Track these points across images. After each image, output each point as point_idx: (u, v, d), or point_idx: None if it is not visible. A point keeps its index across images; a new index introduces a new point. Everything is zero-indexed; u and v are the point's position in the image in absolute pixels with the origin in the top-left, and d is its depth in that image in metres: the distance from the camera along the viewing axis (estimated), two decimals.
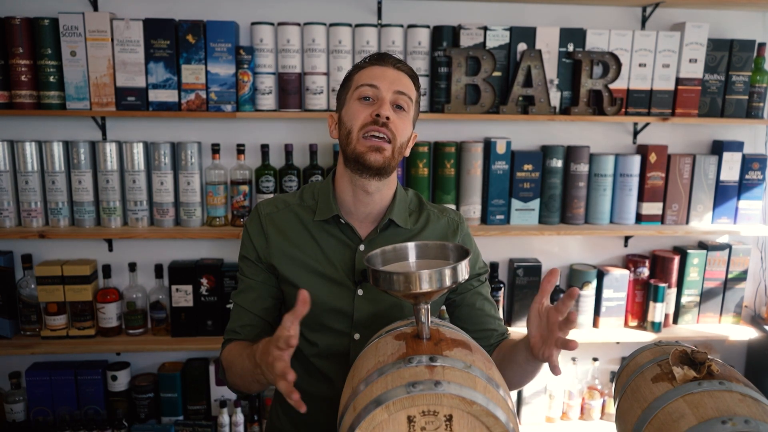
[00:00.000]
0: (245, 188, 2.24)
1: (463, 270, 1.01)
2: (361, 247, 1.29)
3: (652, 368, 1.05)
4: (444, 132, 2.38)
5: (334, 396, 1.28)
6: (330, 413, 1.31)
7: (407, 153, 1.31)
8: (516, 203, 2.34)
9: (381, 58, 1.28)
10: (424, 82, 2.23)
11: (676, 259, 2.44)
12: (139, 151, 2.18)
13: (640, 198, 2.40)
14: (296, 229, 1.31)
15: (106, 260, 2.32)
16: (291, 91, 2.20)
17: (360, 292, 1.29)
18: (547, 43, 2.24)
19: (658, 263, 2.46)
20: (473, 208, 2.31)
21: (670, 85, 2.31)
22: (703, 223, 2.43)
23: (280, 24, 2.17)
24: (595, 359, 2.52)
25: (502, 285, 2.42)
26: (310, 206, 1.33)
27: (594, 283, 2.42)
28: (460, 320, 1.38)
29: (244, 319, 1.33)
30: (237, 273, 1.40)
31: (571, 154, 2.35)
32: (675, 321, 2.51)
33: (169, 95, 2.14)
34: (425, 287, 0.97)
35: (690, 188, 2.41)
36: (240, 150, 2.23)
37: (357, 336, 1.30)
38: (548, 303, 1.10)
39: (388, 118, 1.20)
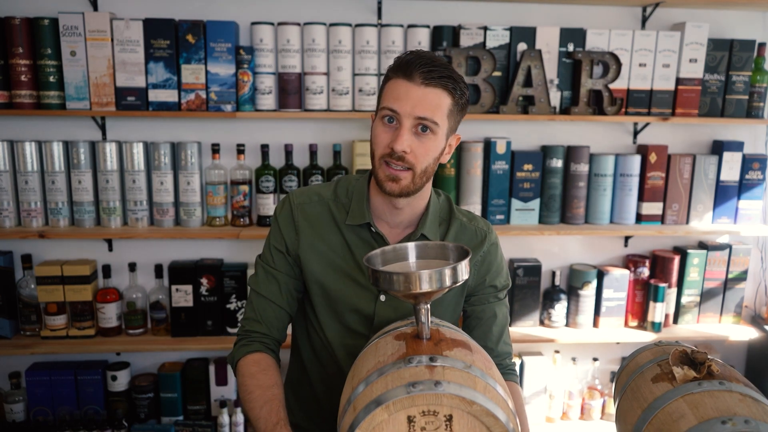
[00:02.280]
0: (245, 188, 2.24)
1: (463, 270, 1.01)
2: None
3: (652, 368, 1.05)
4: None
5: None
6: None
7: (446, 159, 1.27)
8: (516, 203, 2.34)
9: (408, 69, 1.16)
10: None
11: (676, 259, 2.44)
12: (139, 151, 2.18)
13: (640, 198, 2.40)
14: (327, 225, 1.30)
15: (106, 260, 2.32)
16: (291, 91, 2.19)
17: (383, 298, 1.28)
18: (547, 43, 2.24)
19: (658, 263, 2.46)
20: (473, 208, 2.31)
21: (670, 85, 2.31)
22: (703, 223, 2.43)
23: (280, 24, 2.17)
24: (595, 359, 2.52)
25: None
26: (343, 204, 1.31)
27: (594, 283, 2.42)
28: (466, 329, 1.37)
29: (268, 311, 1.31)
30: (257, 259, 1.35)
31: (571, 154, 2.35)
32: (675, 321, 2.50)
33: (169, 95, 2.14)
34: (425, 287, 0.97)
35: (690, 188, 2.41)
36: (240, 150, 2.23)
37: None
38: None
39: (405, 151, 1.16)
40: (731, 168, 2.40)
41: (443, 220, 1.34)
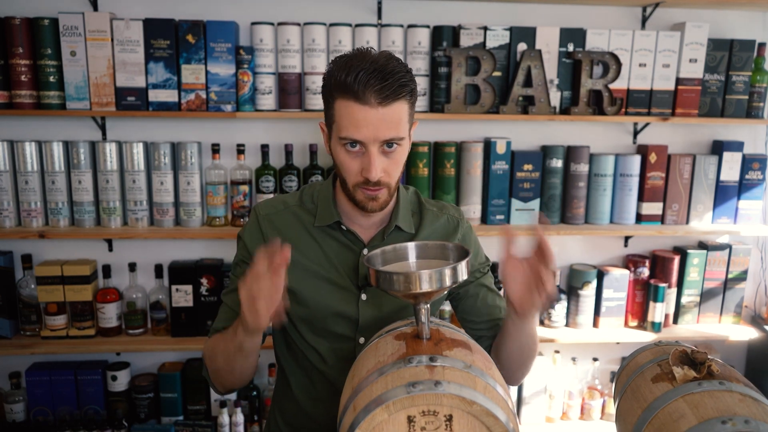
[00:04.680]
0: (245, 188, 2.24)
1: (463, 270, 1.01)
2: (365, 252, 1.26)
3: (652, 368, 1.05)
4: (444, 132, 2.38)
5: (338, 402, 1.27)
6: (334, 421, 1.29)
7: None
8: (516, 203, 2.34)
9: (357, 92, 1.07)
10: (423, 82, 2.23)
11: (676, 259, 2.44)
12: (139, 151, 2.18)
13: (640, 198, 2.40)
14: (297, 231, 1.28)
15: (106, 260, 2.32)
16: (291, 91, 2.19)
17: (364, 296, 1.26)
18: (547, 43, 2.24)
19: (658, 263, 2.46)
20: (473, 208, 2.31)
21: (670, 85, 2.31)
22: (703, 223, 2.43)
23: (280, 24, 2.17)
24: (595, 359, 2.52)
25: (501, 285, 2.42)
26: (309, 210, 1.29)
27: (594, 283, 2.42)
28: (465, 313, 1.35)
29: (231, 320, 1.27)
30: (229, 273, 1.34)
31: (571, 154, 2.35)
32: (675, 321, 2.50)
33: (169, 95, 2.14)
34: (425, 287, 0.97)
35: (690, 188, 2.41)
36: (240, 150, 2.23)
37: (362, 340, 1.28)
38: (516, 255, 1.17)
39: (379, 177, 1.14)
40: (731, 168, 2.40)
41: (414, 212, 1.34)
